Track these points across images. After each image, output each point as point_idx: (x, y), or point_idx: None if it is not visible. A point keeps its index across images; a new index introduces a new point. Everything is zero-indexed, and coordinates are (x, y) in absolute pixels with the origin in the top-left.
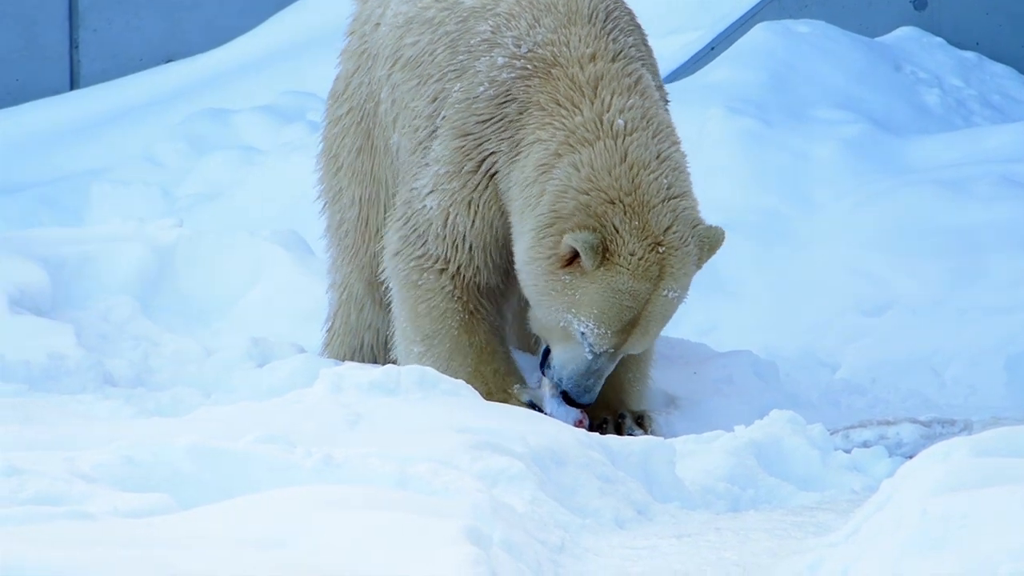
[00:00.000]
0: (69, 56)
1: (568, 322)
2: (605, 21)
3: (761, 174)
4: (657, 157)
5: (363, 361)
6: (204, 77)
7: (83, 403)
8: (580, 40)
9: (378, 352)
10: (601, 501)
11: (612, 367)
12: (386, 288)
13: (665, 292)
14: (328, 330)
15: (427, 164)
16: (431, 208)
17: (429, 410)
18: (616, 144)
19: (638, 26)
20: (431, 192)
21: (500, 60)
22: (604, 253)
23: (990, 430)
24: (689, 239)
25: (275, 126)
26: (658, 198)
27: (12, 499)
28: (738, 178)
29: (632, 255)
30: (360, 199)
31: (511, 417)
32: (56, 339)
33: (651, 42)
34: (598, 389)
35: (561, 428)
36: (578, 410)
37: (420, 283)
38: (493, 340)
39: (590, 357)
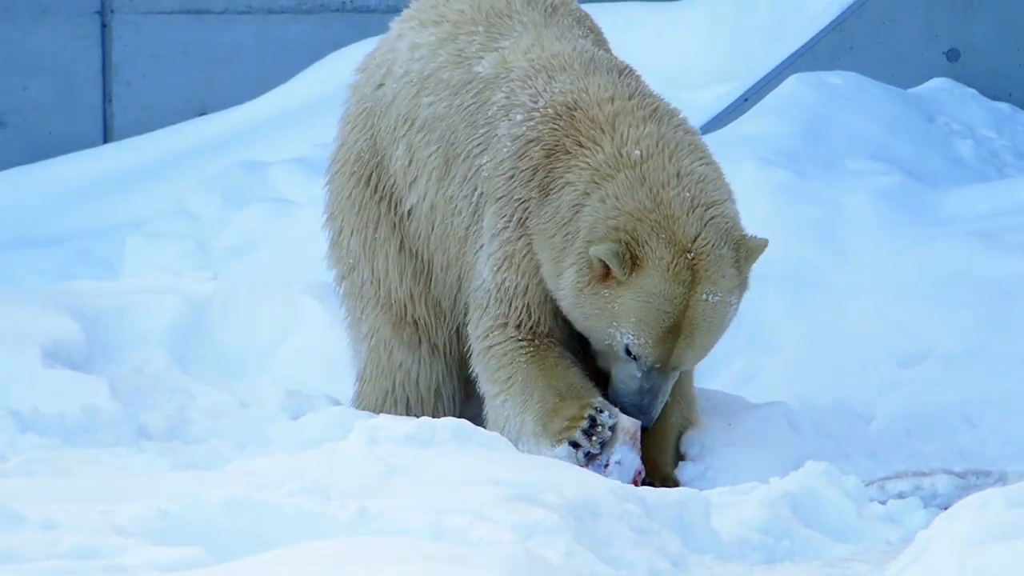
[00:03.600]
0: (103, 109)
1: (613, 338)
2: (620, 74)
3: (795, 225)
4: (677, 175)
5: (395, 402)
6: (238, 130)
7: (118, 456)
8: (599, 87)
9: (409, 391)
10: (636, 553)
11: (668, 385)
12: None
13: (704, 296)
14: (359, 380)
15: (481, 244)
16: (486, 278)
17: (464, 462)
18: (635, 172)
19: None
20: (484, 263)
21: (519, 117)
22: (634, 261)
23: None
24: (722, 244)
25: (309, 178)
26: (682, 210)
27: (48, 553)
28: (772, 229)
29: (661, 259)
30: (363, 246)
31: (546, 469)
32: (91, 392)
33: (685, 94)
34: (655, 409)
35: (596, 479)
36: (639, 463)
37: (492, 345)
38: (563, 360)
39: (639, 374)
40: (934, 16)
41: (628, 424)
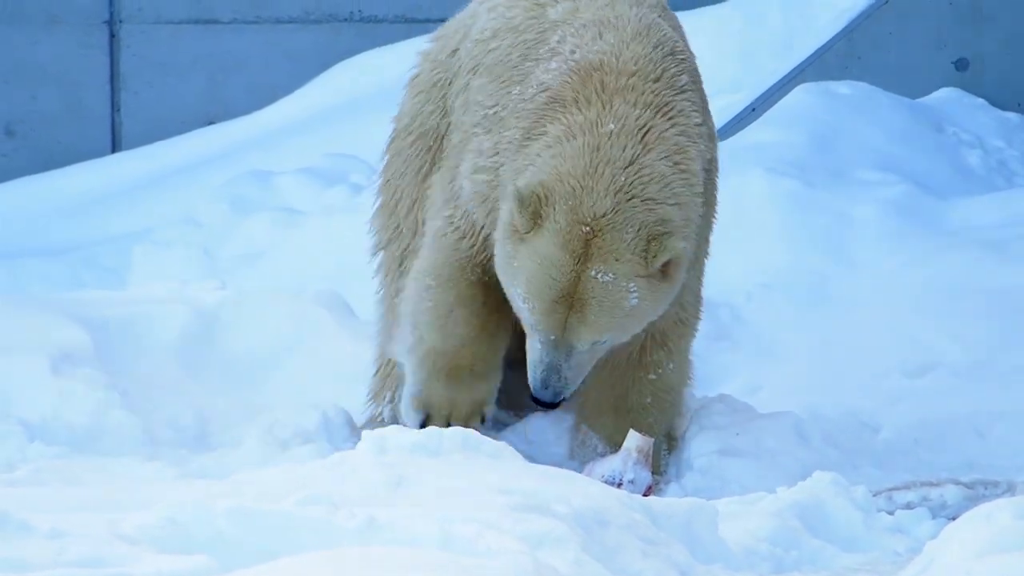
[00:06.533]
0: (111, 119)
1: (514, 300)
2: (669, 56)
3: (803, 235)
4: (630, 161)
5: None
6: (246, 139)
7: (125, 465)
8: (633, 57)
9: None
10: (644, 563)
11: (571, 364)
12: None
13: (594, 273)
14: (377, 373)
15: (471, 149)
16: (466, 190)
17: (472, 471)
18: (594, 140)
19: (696, 71)
20: (469, 176)
21: (553, 65)
22: (536, 219)
23: None
24: (630, 230)
25: (317, 188)
26: (605, 188)
27: (55, 562)
28: (780, 239)
29: (557, 224)
30: (424, 222)
31: (554, 479)
32: (99, 401)
33: None
34: (560, 388)
35: (604, 490)
36: (651, 479)
37: (445, 237)
38: (505, 322)
39: (539, 345)
40: (943, 26)
41: (640, 443)
